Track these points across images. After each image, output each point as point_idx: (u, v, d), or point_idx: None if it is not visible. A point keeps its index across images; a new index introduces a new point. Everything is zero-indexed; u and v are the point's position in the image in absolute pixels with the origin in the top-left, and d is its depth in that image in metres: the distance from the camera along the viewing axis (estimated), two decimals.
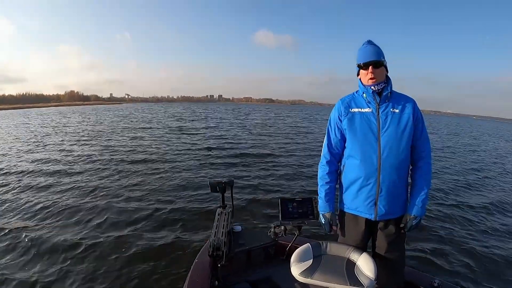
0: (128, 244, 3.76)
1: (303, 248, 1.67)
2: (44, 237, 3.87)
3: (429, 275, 1.98)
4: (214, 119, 27.46)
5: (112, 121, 23.76)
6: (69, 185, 6.22)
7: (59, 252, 3.55)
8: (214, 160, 9.13)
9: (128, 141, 12.78)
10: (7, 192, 5.70)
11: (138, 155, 9.56)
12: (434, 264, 3.54)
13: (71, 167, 7.87)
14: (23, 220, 4.40)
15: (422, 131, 1.62)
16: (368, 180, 1.56)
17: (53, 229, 4.14)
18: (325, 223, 1.72)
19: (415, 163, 1.65)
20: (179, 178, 6.92)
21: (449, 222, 4.86)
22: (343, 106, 1.67)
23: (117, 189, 5.98)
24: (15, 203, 5.08)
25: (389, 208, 1.58)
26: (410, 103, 1.61)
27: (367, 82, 1.60)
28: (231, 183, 2.45)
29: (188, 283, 1.84)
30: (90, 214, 4.70)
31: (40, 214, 4.65)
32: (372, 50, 1.58)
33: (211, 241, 2.02)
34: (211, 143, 12.32)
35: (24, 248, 3.61)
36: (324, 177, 1.72)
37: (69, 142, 12.32)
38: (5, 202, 5.16)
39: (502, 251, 3.97)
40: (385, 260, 1.66)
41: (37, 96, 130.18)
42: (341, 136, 1.68)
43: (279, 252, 2.43)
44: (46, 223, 4.35)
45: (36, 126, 19.94)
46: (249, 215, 4.76)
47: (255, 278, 2.21)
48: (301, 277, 1.47)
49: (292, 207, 1.84)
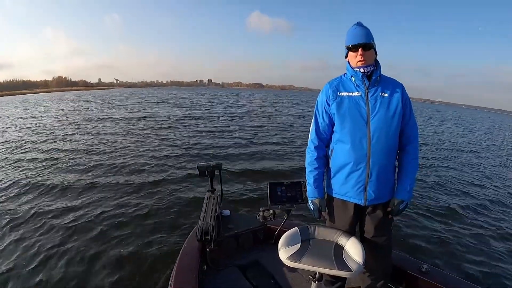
0: (115, 230, 3.74)
1: (291, 232, 1.66)
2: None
3: (417, 260, 2.00)
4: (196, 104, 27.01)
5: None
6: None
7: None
8: (202, 145, 9.07)
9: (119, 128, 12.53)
10: None
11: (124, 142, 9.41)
12: (422, 250, 3.62)
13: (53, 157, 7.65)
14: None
15: (411, 116, 1.61)
16: (358, 165, 1.55)
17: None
18: (314, 209, 1.71)
19: (403, 148, 1.64)
20: (165, 163, 6.87)
21: (437, 206, 4.99)
22: (331, 90, 1.62)
23: (97, 177, 5.88)
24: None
25: (378, 193, 1.57)
26: (399, 87, 1.59)
27: (355, 64, 1.56)
28: (220, 167, 2.43)
29: (176, 267, 1.83)
30: (75, 200, 4.65)
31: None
32: (362, 32, 1.54)
33: (199, 225, 2.01)
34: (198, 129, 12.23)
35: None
36: (312, 162, 1.69)
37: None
38: None
39: (490, 236, 4.10)
40: (373, 244, 1.67)
41: (24, 82, 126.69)
42: (329, 121, 1.65)
43: (268, 236, 2.44)
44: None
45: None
46: (238, 199, 4.77)
47: (244, 262, 2.22)
48: (289, 261, 1.47)
49: (281, 191, 1.82)
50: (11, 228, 3.80)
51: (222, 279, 2.03)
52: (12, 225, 3.86)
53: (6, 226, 3.83)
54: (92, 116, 16.23)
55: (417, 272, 1.85)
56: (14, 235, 3.64)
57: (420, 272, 1.85)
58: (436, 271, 1.89)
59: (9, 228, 3.80)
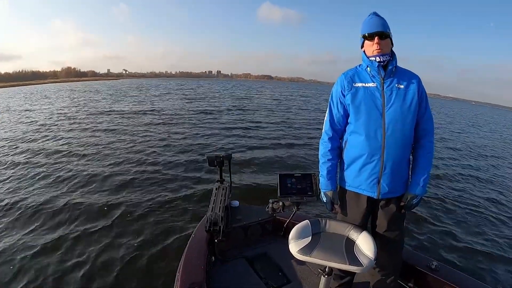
0: (123, 219, 3.78)
1: (302, 225, 1.64)
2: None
3: (427, 257, 1.97)
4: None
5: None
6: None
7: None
8: (210, 135, 9.09)
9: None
10: None
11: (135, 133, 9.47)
12: (432, 246, 3.57)
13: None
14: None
15: (426, 109, 1.57)
16: (372, 157, 1.52)
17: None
18: (327, 202, 1.68)
19: (418, 141, 1.60)
20: (174, 153, 6.90)
21: (448, 203, 4.92)
22: (346, 81, 1.59)
23: (108, 167, 5.93)
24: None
25: (392, 187, 1.54)
26: (416, 79, 1.55)
27: (371, 53, 1.53)
28: (229, 157, 2.41)
29: (184, 258, 1.82)
30: (85, 191, 4.71)
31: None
32: (378, 21, 1.51)
33: (208, 216, 2.00)
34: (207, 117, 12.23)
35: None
36: (326, 154, 1.67)
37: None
38: None
39: (502, 235, 4.03)
40: (385, 239, 1.64)
41: (33, 73, 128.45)
42: (344, 112, 1.62)
43: (276, 228, 2.43)
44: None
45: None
46: (247, 190, 4.77)
47: (252, 254, 2.21)
48: (300, 255, 1.45)
49: (291, 183, 1.79)
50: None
51: (230, 271, 2.03)
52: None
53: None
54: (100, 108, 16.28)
55: (426, 269, 1.82)
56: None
57: (429, 269, 1.82)
58: (446, 268, 1.85)
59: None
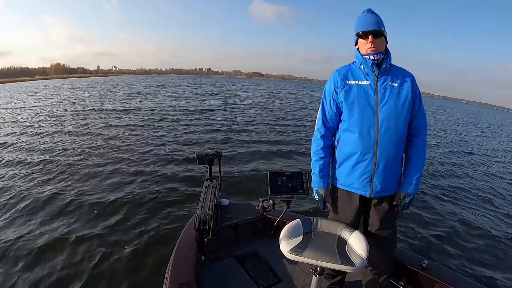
0: (109, 218, 3.70)
1: (293, 224, 1.61)
2: None
3: (418, 255, 1.99)
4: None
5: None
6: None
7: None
8: (199, 133, 9.01)
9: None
10: None
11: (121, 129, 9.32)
12: (423, 245, 3.60)
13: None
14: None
15: (420, 107, 1.57)
16: (365, 156, 1.50)
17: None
18: (319, 200, 1.67)
19: (411, 140, 1.59)
20: (163, 151, 6.82)
21: (439, 201, 4.99)
22: (339, 78, 1.57)
23: (95, 166, 5.80)
24: None
25: (384, 185, 1.53)
26: (409, 77, 1.54)
27: (365, 52, 1.51)
28: (219, 155, 2.39)
29: (173, 257, 1.79)
30: (67, 191, 4.60)
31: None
32: (373, 18, 1.48)
33: (197, 214, 1.96)
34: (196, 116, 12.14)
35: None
36: (318, 152, 1.64)
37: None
38: None
39: (492, 232, 4.08)
40: (377, 238, 1.63)
41: (22, 69, 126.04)
42: (337, 109, 1.60)
43: (267, 227, 2.40)
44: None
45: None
46: (237, 189, 4.73)
47: (242, 253, 2.19)
48: (291, 255, 1.42)
49: (282, 181, 1.78)
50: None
51: (220, 270, 2.00)
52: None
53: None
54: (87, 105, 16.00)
55: (418, 268, 1.83)
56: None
57: (421, 268, 1.82)
58: (437, 267, 1.86)
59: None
